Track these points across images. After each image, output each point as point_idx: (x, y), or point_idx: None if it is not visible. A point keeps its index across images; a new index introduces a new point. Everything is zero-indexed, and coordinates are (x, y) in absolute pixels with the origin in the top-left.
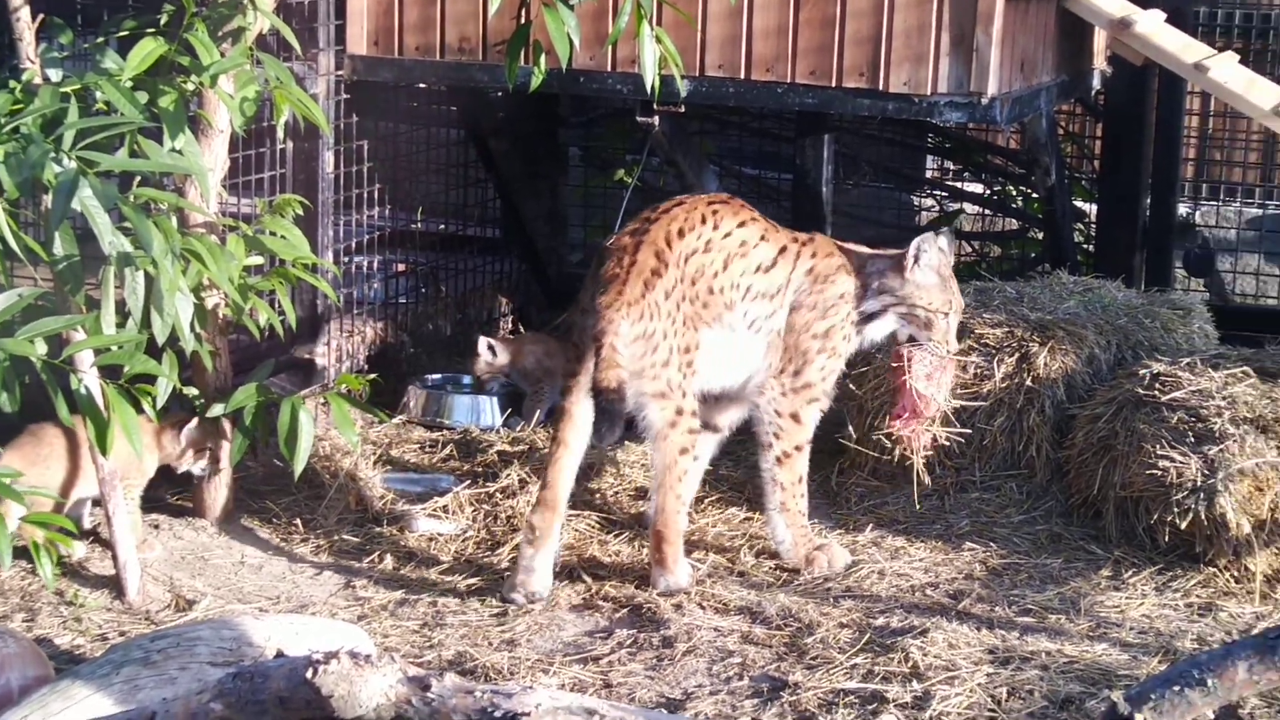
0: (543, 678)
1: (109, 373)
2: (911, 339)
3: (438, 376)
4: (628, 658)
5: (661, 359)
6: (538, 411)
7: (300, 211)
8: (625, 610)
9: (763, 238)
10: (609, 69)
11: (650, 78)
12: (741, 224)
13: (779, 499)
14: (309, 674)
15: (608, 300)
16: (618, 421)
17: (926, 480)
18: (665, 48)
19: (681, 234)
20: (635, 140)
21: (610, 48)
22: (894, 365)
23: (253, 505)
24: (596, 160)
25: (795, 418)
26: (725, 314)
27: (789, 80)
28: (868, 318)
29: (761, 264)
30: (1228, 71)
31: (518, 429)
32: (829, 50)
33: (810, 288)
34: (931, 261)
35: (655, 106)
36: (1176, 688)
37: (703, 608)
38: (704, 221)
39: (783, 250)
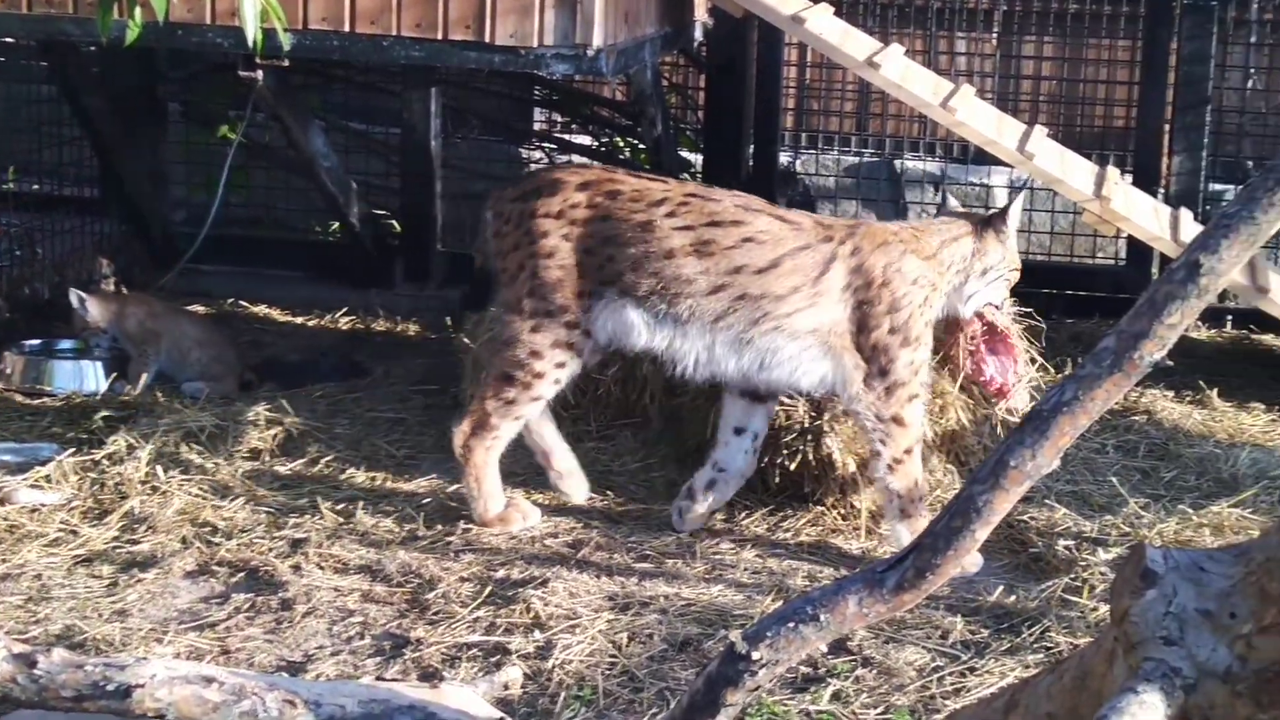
0: (157, 648)
1: None
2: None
3: (36, 342)
4: (246, 622)
5: None
6: (144, 376)
7: None
8: (242, 574)
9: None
10: (208, 22)
11: (251, 31)
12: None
13: (897, 508)
14: None
15: None
16: None
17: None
18: (267, 0)
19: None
20: (238, 96)
21: (209, 0)
22: (973, 335)
23: None
24: (198, 116)
25: (897, 420)
26: None
27: (394, 33)
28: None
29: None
30: (823, 23)
31: (123, 393)
32: (434, 3)
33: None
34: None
35: (258, 60)
36: (791, 624)
37: (321, 568)
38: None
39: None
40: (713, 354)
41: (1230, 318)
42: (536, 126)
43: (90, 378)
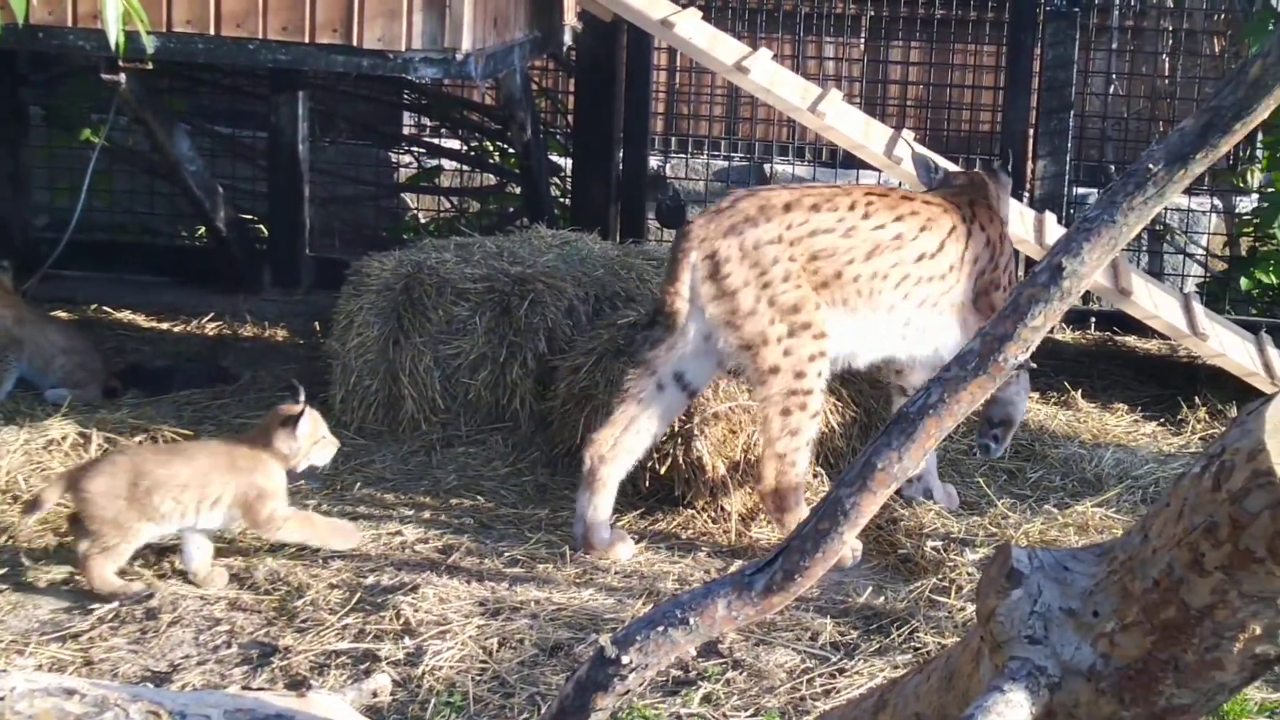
0: (18, 659)
1: None
2: None
3: None
4: (110, 633)
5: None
6: (5, 383)
7: None
8: None
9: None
10: (70, 24)
11: (114, 33)
12: (899, 218)
13: None
14: None
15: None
16: None
17: None
18: (129, 2)
19: (816, 208)
20: (101, 99)
21: (71, 2)
22: None
23: None
24: (61, 120)
25: None
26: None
27: (261, 36)
28: None
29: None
30: (692, 28)
31: None
32: (301, 5)
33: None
34: None
35: (121, 63)
36: (660, 628)
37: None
38: (852, 209)
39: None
40: (889, 339)
41: (1094, 320)
42: (405, 131)
43: None
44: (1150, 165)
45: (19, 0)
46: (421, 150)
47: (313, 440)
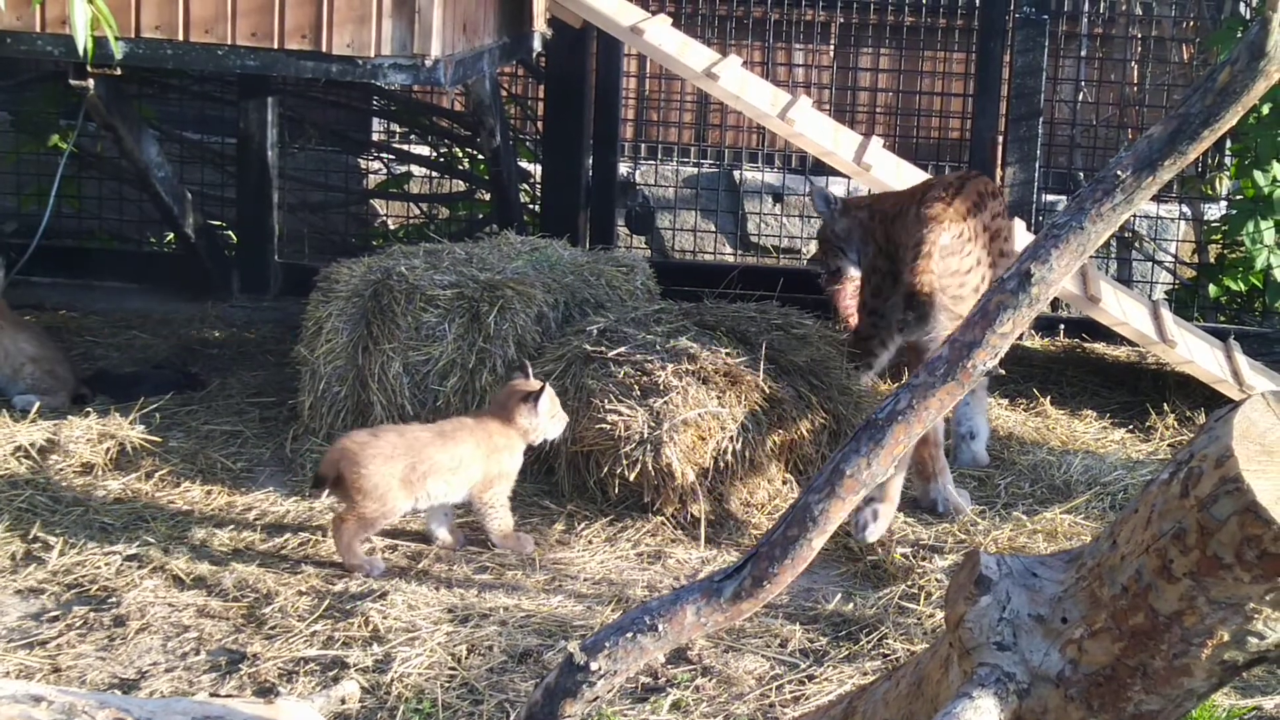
0: None
1: None
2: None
3: None
4: (77, 640)
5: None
6: None
7: None
8: (73, 591)
9: None
10: (38, 30)
11: (82, 39)
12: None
13: None
14: None
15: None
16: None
17: None
18: (97, 8)
19: (995, 194)
20: (70, 104)
21: (39, 7)
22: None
23: None
24: (29, 125)
25: None
26: None
27: (229, 42)
28: None
29: None
30: (662, 34)
31: None
32: (270, 11)
33: None
34: None
35: (89, 69)
36: (629, 634)
37: (155, 584)
38: (995, 196)
39: None
40: None
41: (1063, 326)
42: (375, 137)
43: None
44: (1119, 172)
45: None
46: (391, 156)
47: (550, 415)
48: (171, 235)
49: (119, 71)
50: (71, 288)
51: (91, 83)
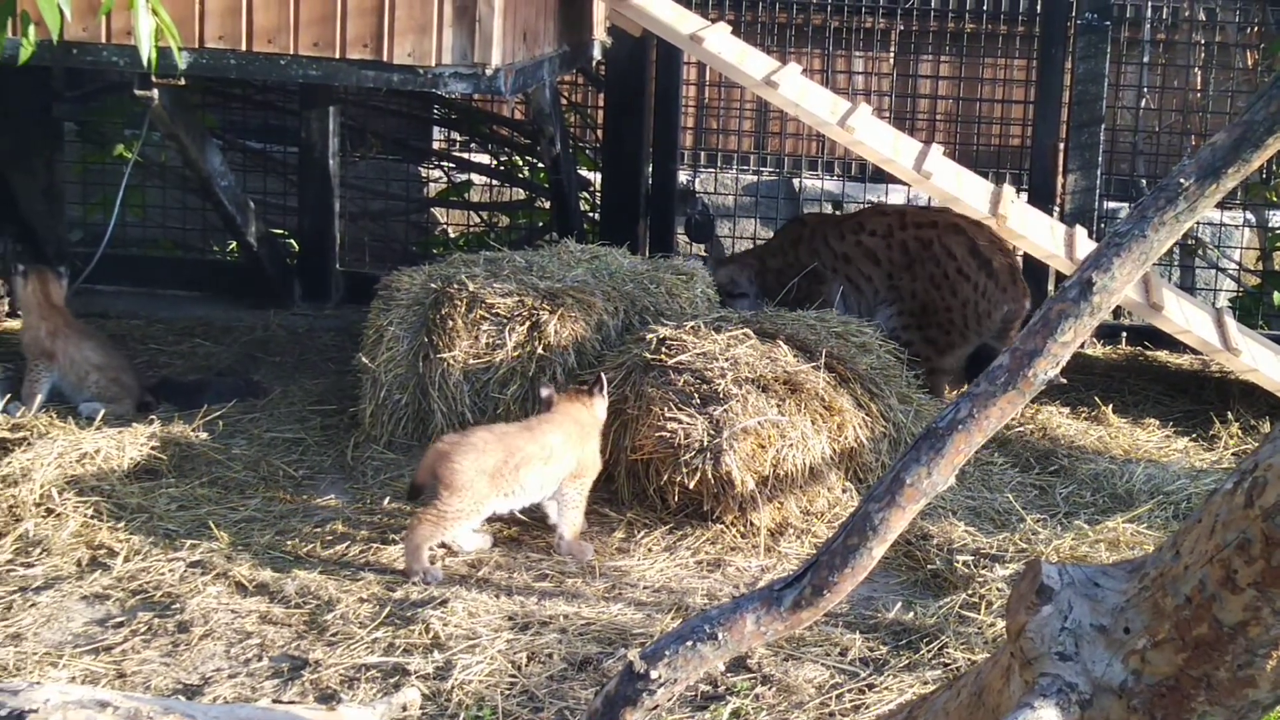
0: (52, 672)
1: None
2: None
3: None
4: (142, 645)
5: None
6: (38, 395)
7: None
8: (138, 597)
9: None
10: (104, 40)
11: (146, 50)
12: None
13: None
14: None
15: None
16: None
17: None
18: (161, 19)
19: None
20: (135, 114)
21: (104, 18)
22: None
23: None
24: (94, 135)
25: None
26: None
27: (292, 52)
28: None
29: None
30: (721, 43)
31: (18, 415)
32: (332, 21)
33: None
34: None
35: (153, 79)
36: (689, 643)
37: (219, 590)
38: None
39: None
40: None
41: (1125, 335)
42: (435, 145)
43: None
44: (1182, 180)
45: (53, 17)
46: (451, 165)
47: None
48: (234, 244)
49: (183, 82)
50: (136, 296)
51: (156, 93)
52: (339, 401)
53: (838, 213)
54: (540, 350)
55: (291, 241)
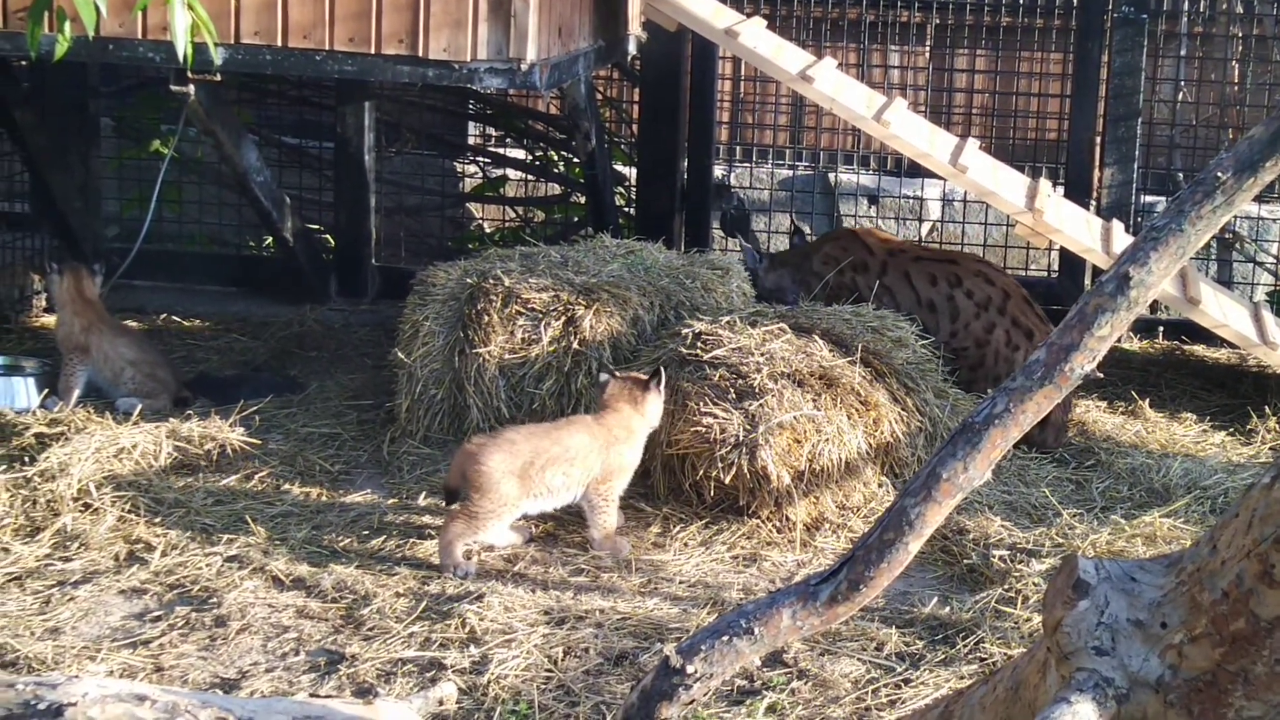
0: (90, 665)
1: None
2: None
3: None
4: (180, 639)
5: None
6: (74, 390)
7: None
8: (175, 591)
9: None
10: (140, 36)
11: (182, 46)
12: None
13: None
14: None
15: None
16: None
17: None
18: (197, 14)
19: None
20: (171, 110)
21: (140, 14)
22: None
23: None
24: (131, 131)
25: None
26: None
27: (327, 47)
28: None
29: None
30: (757, 37)
31: (55, 410)
32: (367, 16)
33: None
34: None
35: (189, 75)
36: (725, 638)
37: (256, 584)
38: None
39: None
40: None
41: (1162, 328)
42: (470, 140)
43: (21, 394)
44: (1219, 173)
45: (89, 13)
46: (486, 160)
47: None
48: (270, 239)
49: (218, 77)
50: (172, 292)
51: (192, 88)
52: (375, 397)
53: (936, 246)
54: (576, 345)
55: (327, 237)
